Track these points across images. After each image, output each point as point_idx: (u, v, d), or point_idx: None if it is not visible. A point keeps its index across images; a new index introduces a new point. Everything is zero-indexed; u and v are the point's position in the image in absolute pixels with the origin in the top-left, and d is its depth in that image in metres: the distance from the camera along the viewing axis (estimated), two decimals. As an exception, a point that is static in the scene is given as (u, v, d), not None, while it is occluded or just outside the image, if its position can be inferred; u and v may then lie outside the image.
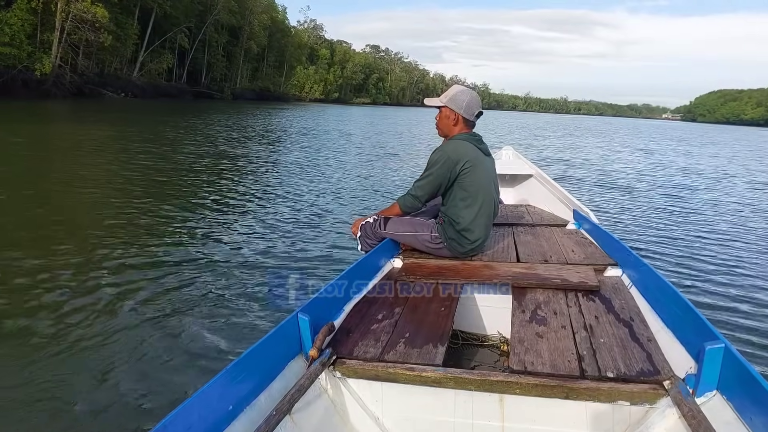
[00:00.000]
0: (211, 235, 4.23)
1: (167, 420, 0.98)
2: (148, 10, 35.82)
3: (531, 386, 1.31)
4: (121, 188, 5.90)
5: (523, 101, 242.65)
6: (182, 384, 2.03)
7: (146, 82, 36.71)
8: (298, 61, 67.43)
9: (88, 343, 2.31)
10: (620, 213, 6.15)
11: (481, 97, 3.04)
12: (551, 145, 17.98)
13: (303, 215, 5.13)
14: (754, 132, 63.29)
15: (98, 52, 30.63)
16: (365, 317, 1.72)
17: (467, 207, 2.26)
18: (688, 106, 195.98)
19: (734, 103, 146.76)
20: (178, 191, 5.98)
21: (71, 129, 12.60)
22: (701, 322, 1.35)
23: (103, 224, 4.34)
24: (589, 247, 2.46)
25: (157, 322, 2.54)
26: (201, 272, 3.28)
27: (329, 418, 1.39)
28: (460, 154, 2.25)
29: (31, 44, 25.33)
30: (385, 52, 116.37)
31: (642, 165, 12.43)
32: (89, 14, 26.43)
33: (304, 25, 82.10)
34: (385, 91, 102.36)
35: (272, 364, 1.34)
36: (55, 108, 20.00)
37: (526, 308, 1.77)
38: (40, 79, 25.25)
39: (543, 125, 40.49)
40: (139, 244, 3.81)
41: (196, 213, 4.96)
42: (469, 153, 2.26)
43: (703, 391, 1.23)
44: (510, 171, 4.35)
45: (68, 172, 6.66)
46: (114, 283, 3.01)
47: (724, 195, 8.35)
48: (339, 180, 7.59)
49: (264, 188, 6.56)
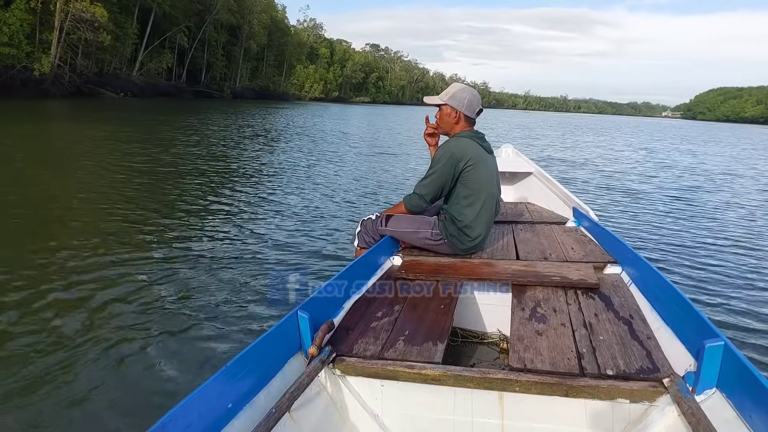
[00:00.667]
0: (209, 235, 4.23)
1: (166, 418, 0.98)
2: (148, 9, 35.72)
3: (530, 384, 1.31)
4: (117, 188, 5.88)
5: (523, 100, 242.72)
6: (180, 382, 2.03)
7: (145, 82, 36.59)
8: (297, 60, 67.35)
9: (85, 342, 2.31)
10: (620, 212, 6.14)
11: (482, 95, 3.03)
12: (551, 144, 17.95)
13: (302, 214, 5.12)
14: (755, 129, 63.26)
15: (97, 52, 30.50)
16: (365, 315, 1.72)
17: (469, 205, 2.26)
18: (689, 104, 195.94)
19: (734, 101, 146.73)
20: (173, 191, 5.97)
21: (65, 128, 12.51)
22: (701, 319, 1.35)
23: (102, 224, 4.33)
24: (588, 244, 2.46)
25: (155, 322, 2.54)
26: (200, 272, 3.27)
27: (329, 416, 1.39)
28: (463, 152, 2.24)
29: (30, 44, 25.23)
30: (384, 51, 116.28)
31: (645, 166, 12.37)
32: (88, 14, 26.30)
33: (304, 24, 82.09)
34: (384, 89, 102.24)
35: (272, 362, 1.34)
36: (53, 107, 19.89)
37: (526, 306, 1.77)
38: (39, 79, 25.14)
39: (543, 124, 40.44)
40: (135, 244, 3.81)
41: (191, 214, 4.95)
42: (472, 150, 2.26)
43: (703, 389, 1.22)
44: (510, 169, 4.35)
45: (61, 171, 6.62)
46: (112, 283, 3.00)
47: (726, 193, 8.34)
48: (338, 180, 7.58)
49: (262, 188, 6.56)
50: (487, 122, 34.17)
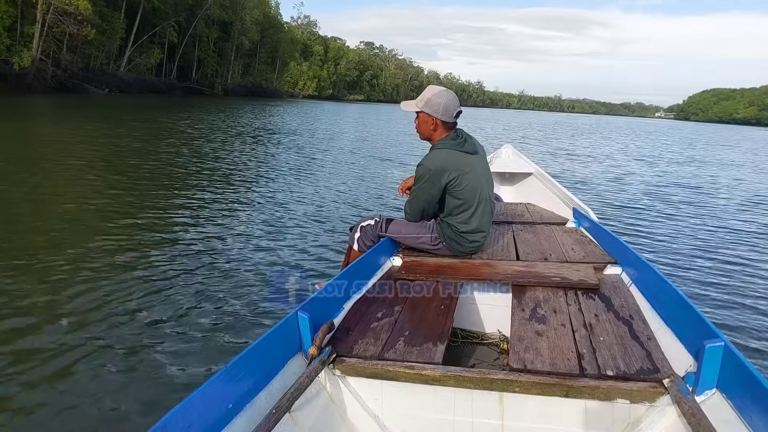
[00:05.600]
0: (208, 236, 4.19)
1: (167, 418, 0.98)
2: (136, 3, 35.06)
3: (531, 384, 1.31)
4: (106, 190, 5.81)
5: (517, 99, 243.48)
6: (181, 383, 2.01)
7: (133, 78, 35.95)
8: (291, 57, 66.90)
9: (83, 343, 2.28)
10: (620, 213, 6.17)
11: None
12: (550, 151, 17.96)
13: (301, 215, 5.10)
14: (747, 131, 64.02)
15: (83, 46, 29.77)
16: (365, 316, 1.71)
17: (463, 212, 2.25)
18: (682, 105, 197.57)
19: (727, 103, 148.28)
20: (167, 192, 5.92)
21: (36, 126, 11.84)
22: (701, 320, 1.36)
23: (100, 224, 4.29)
24: (588, 245, 2.47)
25: (154, 323, 2.51)
26: (199, 273, 3.24)
27: (329, 416, 1.39)
28: (443, 167, 2.19)
29: (11, 37, 24.43)
30: (379, 49, 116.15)
31: (645, 166, 12.39)
32: (71, 6, 25.51)
33: (298, 21, 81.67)
34: (379, 88, 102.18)
35: (272, 363, 1.33)
36: (31, 104, 19.11)
37: (526, 306, 1.77)
38: (20, 73, 24.31)
39: (536, 125, 40.52)
40: (131, 245, 3.77)
41: (186, 215, 4.91)
42: (453, 163, 2.20)
43: (703, 390, 1.23)
44: (510, 169, 4.35)
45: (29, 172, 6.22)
46: (108, 283, 2.96)
47: (725, 193, 8.44)
48: (338, 179, 7.56)
49: (260, 189, 6.52)
50: (483, 124, 34.00)
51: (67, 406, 1.85)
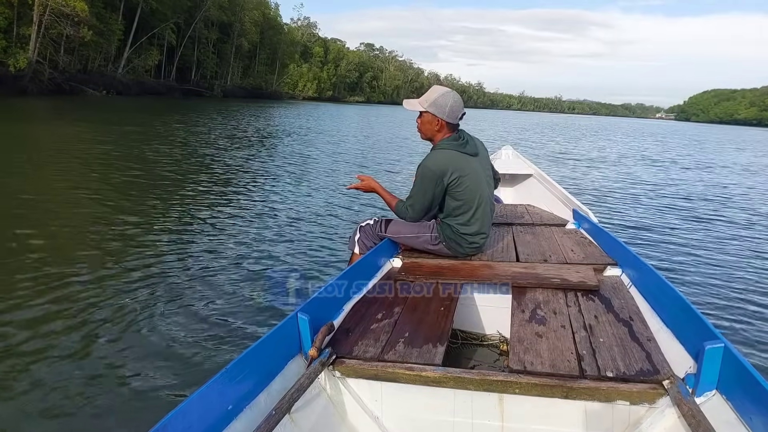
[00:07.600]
0: (207, 237, 4.19)
1: (166, 420, 0.98)
2: (134, 5, 34.94)
3: (530, 386, 1.31)
4: (102, 192, 5.81)
5: (517, 100, 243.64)
6: (180, 384, 2.00)
7: (132, 79, 35.78)
8: (291, 59, 66.91)
9: (83, 345, 2.27)
10: (620, 214, 6.16)
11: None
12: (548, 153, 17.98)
13: (300, 216, 5.09)
14: (748, 132, 63.98)
15: (81, 48, 29.55)
16: (365, 317, 1.71)
17: (463, 213, 2.25)
18: (682, 106, 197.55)
19: (727, 103, 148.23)
20: (166, 195, 5.92)
21: (26, 129, 11.48)
22: (701, 321, 1.36)
23: (95, 227, 4.28)
24: (588, 246, 2.47)
25: (153, 325, 2.50)
26: (199, 274, 3.24)
27: (329, 418, 1.38)
28: (444, 167, 2.19)
29: (7, 39, 24.25)
30: (379, 51, 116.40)
31: (645, 167, 12.40)
32: (68, 8, 25.28)
33: (298, 23, 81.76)
34: (379, 89, 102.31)
35: (272, 364, 1.33)
36: (27, 106, 18.84)
37: (526, 308, 1.77)
38: (16, 75, 24.04)
39: (536, 125, 40.54)
40: (128, 247, 3.76)
41: (185, 216, 4.91)
42: (453, 163, 2.20)
43: (703, 391, 1.23)
44: (510, 171, 4.36)
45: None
46: (106, 285, 2.96)
47: (725, 194, 8.43)
48: (337, 180, 7.56)
49: (259, 190, 6.52)
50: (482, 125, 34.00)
51: (65, 406, 1.84)
